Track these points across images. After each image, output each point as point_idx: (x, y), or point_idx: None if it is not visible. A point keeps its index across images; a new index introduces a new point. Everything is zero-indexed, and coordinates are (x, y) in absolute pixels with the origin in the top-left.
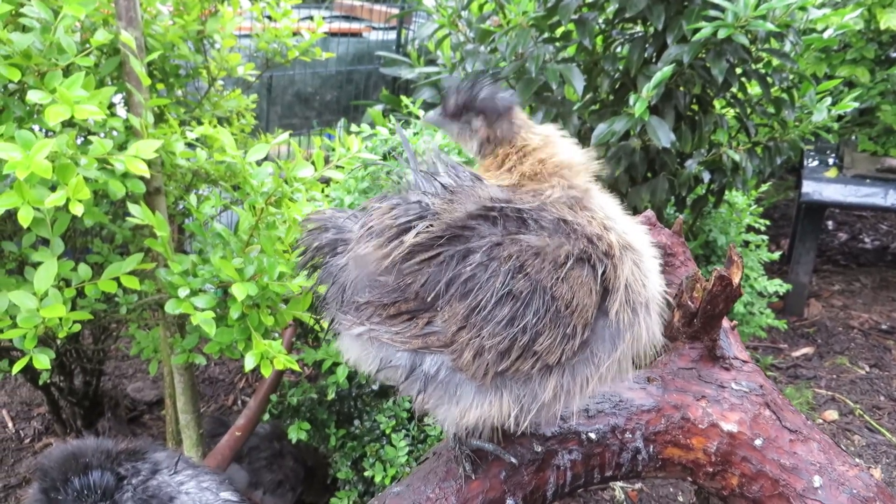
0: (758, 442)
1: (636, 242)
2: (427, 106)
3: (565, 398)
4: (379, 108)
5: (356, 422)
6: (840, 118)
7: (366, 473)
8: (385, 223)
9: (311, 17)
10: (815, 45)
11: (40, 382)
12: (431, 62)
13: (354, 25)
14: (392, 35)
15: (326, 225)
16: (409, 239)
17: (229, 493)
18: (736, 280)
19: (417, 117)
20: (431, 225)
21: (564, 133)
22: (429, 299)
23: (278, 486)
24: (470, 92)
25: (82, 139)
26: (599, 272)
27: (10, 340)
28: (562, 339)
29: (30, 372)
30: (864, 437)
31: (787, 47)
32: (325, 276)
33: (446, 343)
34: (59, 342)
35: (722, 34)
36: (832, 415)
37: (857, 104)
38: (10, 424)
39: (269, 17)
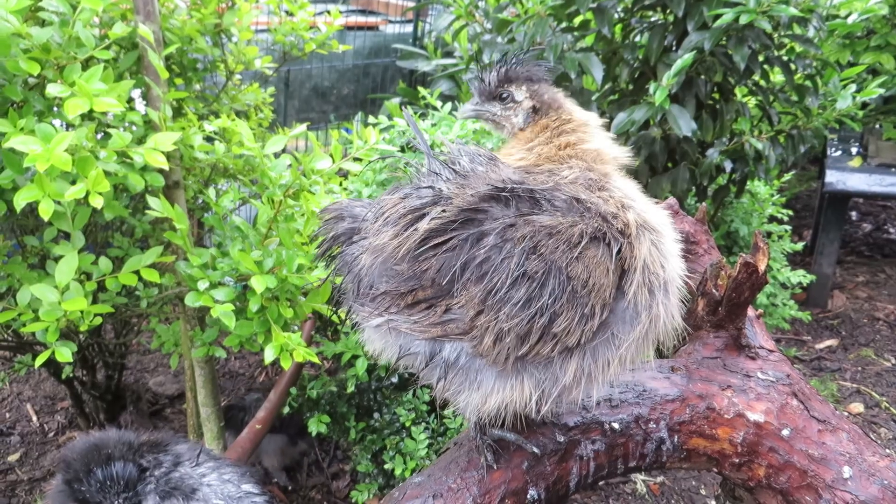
0: (785, 432)
1: (655, 223)
2: (444, 98)
3: (587, 382)
4: (396, 100)
5: (376, 414)
6: (864, 106)
7: (386, 466)
8: (399, 212)
9: (327, 12)
10: (838, 30)
11: (63, 376)
12: (448, 54)
13: (371, 19)
14: (408, 28)
15: (343, 214)
16: (424, 225)
17: (251, 485)
18: (762, 267)
19: (435, 108)
20: (444, 210)
21: (604, 123)
22: (444, 284)
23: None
24: (507, 66)
25: (102, 135)
26: (615, 251)
27: (34, 335)
28: (580, 319)
29: (53, 366)
30: (891, 430)
31: (811, 33)
32: (342, 265)
33: (465, 330)
34: (81, 336)
35: (744, 20)
36: (858, 407)
37: (882, 91)
38: (34, 418)
39: (287, 13)
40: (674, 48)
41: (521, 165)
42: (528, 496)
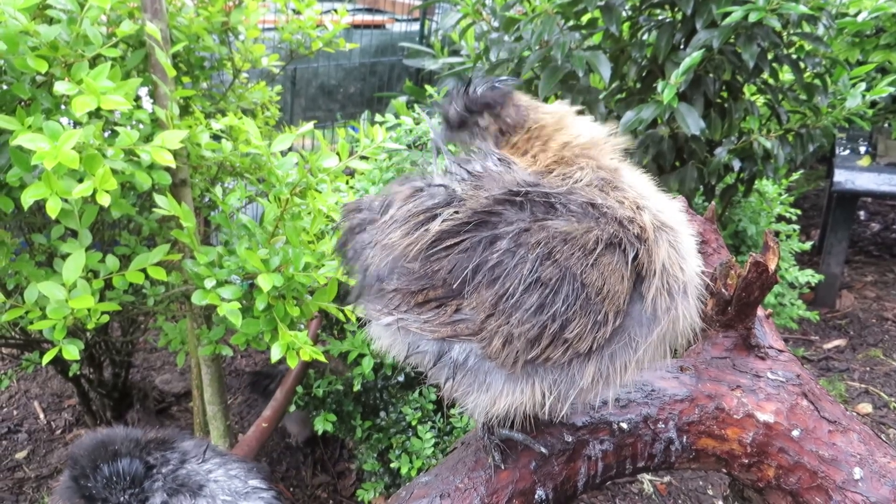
0: (795, 433)
1: (672, 221)
2: None
3: (604, 384)
4: (403, 99)
5: (382, 413)
6: (874, 104)
7: (392, 465)
8: (411, 210)
9: (334, 10)
10: (848, 29)
11: (70, 374)
12: (455, 53)
13: (377, 17)
14: (415, 26)
15: (360, 206)
16: (436, 226)
17: (258, 480)
18: (772, 266)
19: None
20: (457, 211)
21: (575, 109)
22: (455, 286)
23: None
24: (465, 94)
25: (109, 133)
26: (630, 257)
27: (41, 333)
28: (592, 326)
29: (60, 364)
30: None
31: (821, 31)
32: (352, 253)
33: (475, 331)
34: (88, 334)
35: (753, 17)
36: (866, 408)
37: (891, 90)
38: (41, 416)
39: (294, 11)
40: (682, 46)
41: (532, 169)
42: (536, 496)
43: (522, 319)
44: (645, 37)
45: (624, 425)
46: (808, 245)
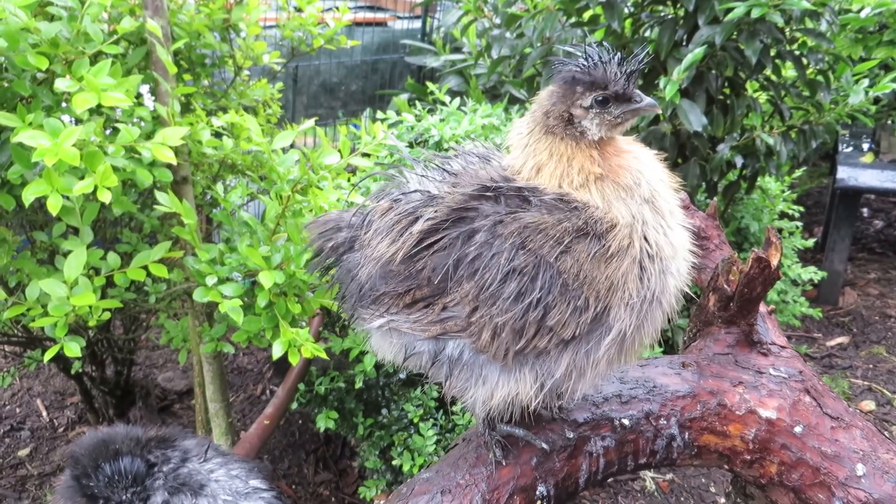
0: (797, 429)
1: (660, 211)
2: (452, 93)
3: (586, 375)
4: (405, 96)
5: (384, 411)
6: (877, 101)
7: (394, 462)
8: (392, 219)
9: (336, 7)
10: (851, 25)
11: (73, 372)
12: (457, 50)
13: (379, 15)
14: (417, 24)
15: (339, 224)
16: (418, 227)
17: (258, 480)
18: (774, 262)
19: (444, 104)
20: (436, 210)
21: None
22: (439, 283)
23: None
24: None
25: (110, 130)
26: (605, 245)
27: (43, 330)
28: (573, 312)
29: (62, 361)
30: None
31: (823, 27)
32: (343, 272)
33: (463, 327)
34: (90, 332)
35: (755, 13)
36: (869, 405)
37: (894, 86)
38: (44, 413)
39: (296, 8)
40: (684, 43)
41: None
42: (538, 492)
43: (504, 308)
44: (647, 33)
45: (626, 421)
46: (810, 242)
